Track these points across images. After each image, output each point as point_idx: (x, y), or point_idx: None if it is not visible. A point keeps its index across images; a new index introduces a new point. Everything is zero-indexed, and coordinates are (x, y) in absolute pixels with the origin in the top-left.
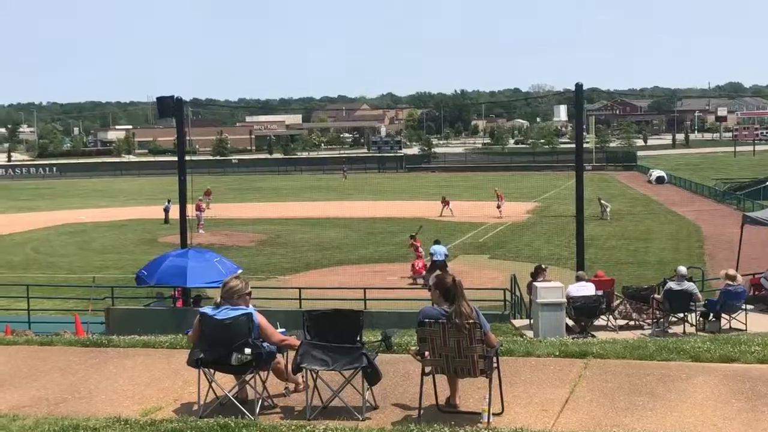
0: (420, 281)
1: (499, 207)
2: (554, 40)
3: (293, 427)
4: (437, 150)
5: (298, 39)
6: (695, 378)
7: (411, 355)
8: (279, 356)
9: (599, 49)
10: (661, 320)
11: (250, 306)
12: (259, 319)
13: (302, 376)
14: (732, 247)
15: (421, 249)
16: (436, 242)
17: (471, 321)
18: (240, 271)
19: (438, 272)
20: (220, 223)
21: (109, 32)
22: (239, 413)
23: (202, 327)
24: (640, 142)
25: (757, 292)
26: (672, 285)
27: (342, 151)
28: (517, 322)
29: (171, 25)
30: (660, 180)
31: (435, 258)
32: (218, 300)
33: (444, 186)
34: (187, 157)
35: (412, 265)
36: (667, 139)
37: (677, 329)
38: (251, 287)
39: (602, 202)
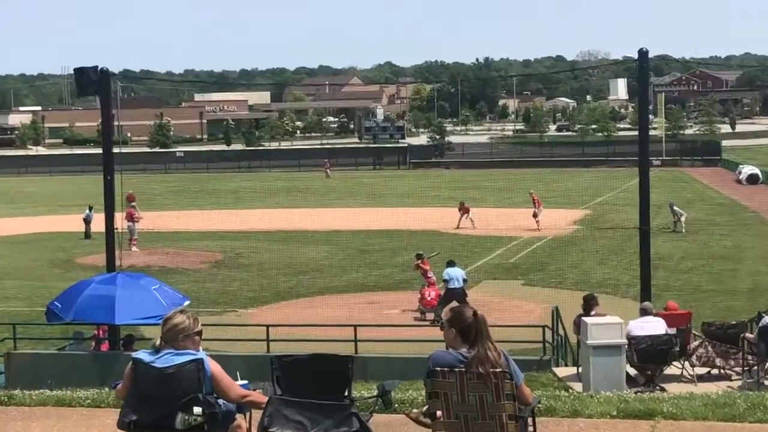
0: (430, 316)
1: (535, 216)
2: None
3: None
4: (453, 139)
5: None
6: None
7: (411, 418)
8: (239, 417)
9: (670, 4)
10: (755, 368)
11: (201, 350)
12: (213, 367)
13: None
14: None
15: (432, 274)
16: (450, 264)
17: (498, 369)
18: (187, 302)
19: (454, 304)
20: (159, 237)
21: None
22: None
23: (135, 378)
24: (726, 129)
25: None
26: None
27: (325, 141)
28: (561, 371)
29: None
30: (753, 179)
31: (450, 285)
32: (157, 342)
33: (462, 188)
34: (116, 149)
35: (422, 295)
36: (762, 123)
37: None
38: (202, 324)
39: (675, 209)
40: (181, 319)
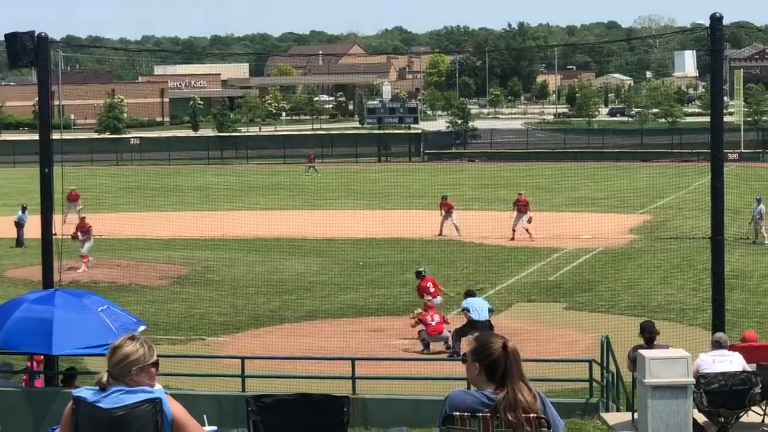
0: (436, 346)
1: (530, 221)
2: None
3: None
4: (479, 124)
5: None
6: None
7: None
8: None
9: None
10: None
11: (159, 386)
12: (175, 409)
13: None
14: None
15: (434, 294)
16: (470, 294)
17: (532, 415)
18: (142, 328)
19: (478, 334)
20: (109, 246)
21: None
22: None
23: (76, 422)
24: None
25: None
26: None
27: (317, 126)
28: (612, 417)
29: None
30: None
31: (473, 317)
32: (104, 377)
33: (490, 186)
34: (56, 135)
35: (422, 321)
36: None
37: None
38: (158, 355)
39: (758, 213)
40: (134, 348)
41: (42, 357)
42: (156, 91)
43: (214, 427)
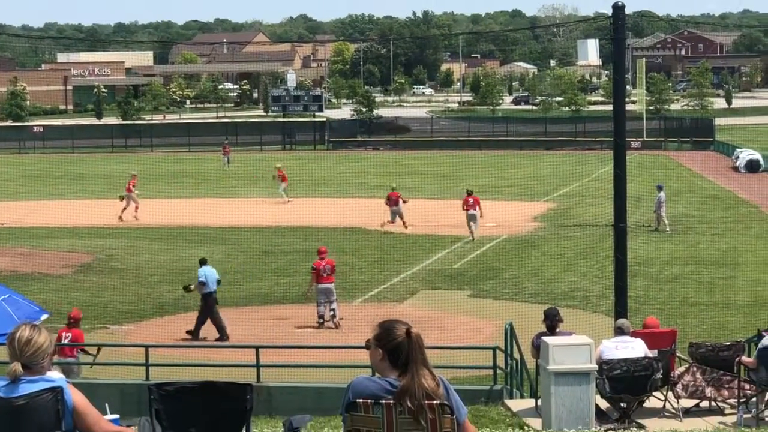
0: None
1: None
2: None
3: None
4: (383, 112)
5: None
6: None
7: None
8: None
9: None
10: (753, 399)
11: (58, 375)
12: (76, 398)
13: None
14: None
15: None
16: (203, 262)
17: (436, 402)
18: (44, 316)
19: (387, 321)
20: (10, 234)
21: None
22: None
23: None
24: (720, 104)
25: None
26: None
27: (222, 114)
28: (516, 404)
29: None
30: (752, 166)
31: (207, 289)
32: (17, 367)
33: (395, 173)
34: None
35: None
36: (764, 97)
37: None
38: (61, 344)
39: (659, 202)
40: (45, 337)
41: None
42: (59, 78)
43: (116, 416)
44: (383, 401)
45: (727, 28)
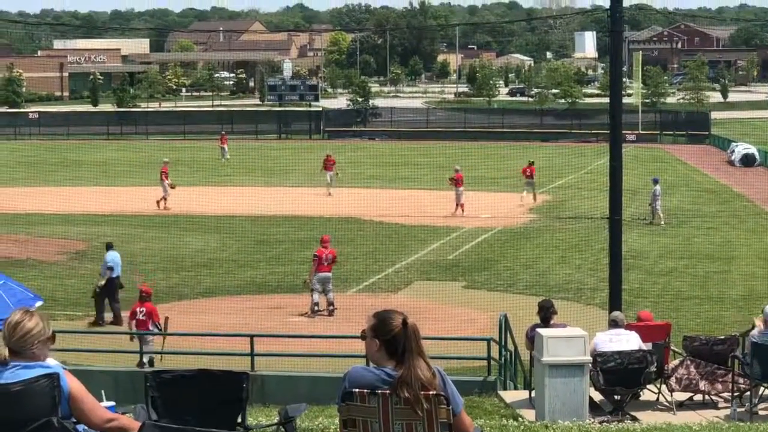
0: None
1: (460, 204)
2: None
3: None
4: (379, 102)
5: None
6: None
7: None
8: None
9: None
10: (747, 393)
11: (55, 362)
12: (72, 384)
13: None
14: None
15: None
16: (110, 246)
17: (432, 392)
18: (39, 303)
19: (383, 312)
20: (5, 220)
21: None
22: None
23: None
24: (716, 97)
25: None
26: (760, 335)
27: (218, 102)
28: (510, 395)
29: None
30: (748, 160)
31: (115, 274)
32: (5, 352)
33: (390, 164)
34: None
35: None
36: (760, 92)
37: None
38: (56, 330)
39: (654, 195)
40: (35, 322)
41: None
42: (55, 65)
43: (112, 403)
44: (379, 391)
45: (724, 21)
